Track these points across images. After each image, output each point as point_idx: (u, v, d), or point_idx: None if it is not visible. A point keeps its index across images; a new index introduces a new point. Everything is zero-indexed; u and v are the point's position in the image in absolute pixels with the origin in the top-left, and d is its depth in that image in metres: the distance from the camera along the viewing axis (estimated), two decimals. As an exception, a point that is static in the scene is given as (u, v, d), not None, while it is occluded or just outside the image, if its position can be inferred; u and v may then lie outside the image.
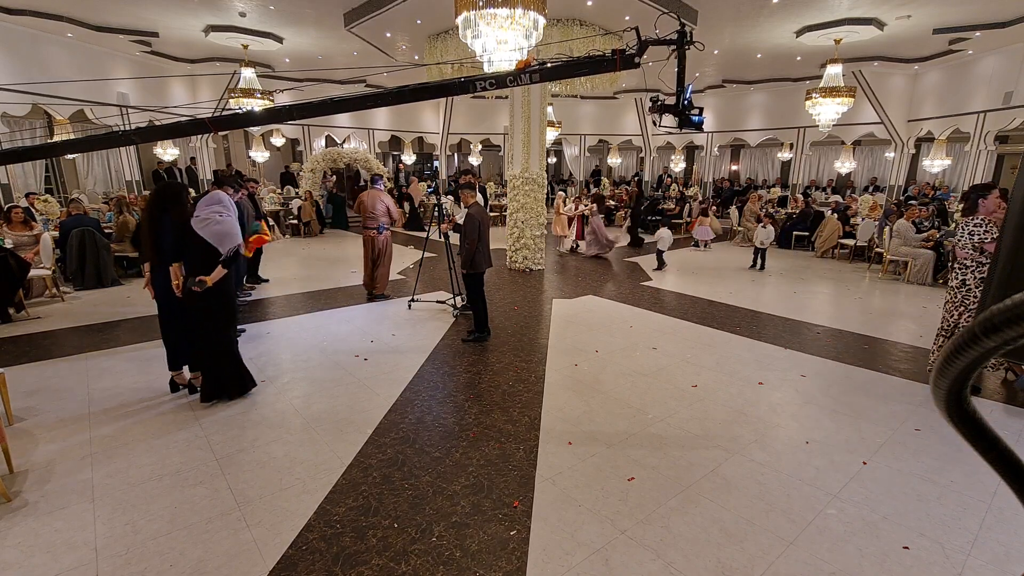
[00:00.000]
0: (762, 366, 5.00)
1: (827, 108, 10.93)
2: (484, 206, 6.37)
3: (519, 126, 8.95)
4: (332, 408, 4.08)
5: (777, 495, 3.02)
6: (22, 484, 3.09)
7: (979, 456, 0.66)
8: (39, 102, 9.95)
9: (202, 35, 10.59)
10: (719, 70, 14.58)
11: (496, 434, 3.69)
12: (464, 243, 5.30)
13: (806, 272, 9.42)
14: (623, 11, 8.75)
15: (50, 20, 9.30)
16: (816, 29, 9.87)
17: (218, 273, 3.82)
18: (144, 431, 3.71)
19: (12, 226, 7.12)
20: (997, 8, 8.71)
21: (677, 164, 19.92)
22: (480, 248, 5.26)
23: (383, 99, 3.90)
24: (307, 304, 7.03)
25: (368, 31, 10.06)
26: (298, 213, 13.26)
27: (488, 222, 5.43)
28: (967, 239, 4.34)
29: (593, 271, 9.44)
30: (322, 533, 2.70)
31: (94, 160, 13.44)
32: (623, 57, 3.36)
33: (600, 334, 5.88)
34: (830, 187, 17.65)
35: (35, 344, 5.44)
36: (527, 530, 2.72)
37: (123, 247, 8.19)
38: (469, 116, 18.66)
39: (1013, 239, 0.82)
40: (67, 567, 2.46)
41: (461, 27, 6.46)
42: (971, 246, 4.31)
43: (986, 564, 2.51)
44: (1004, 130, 11.57)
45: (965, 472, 3.22)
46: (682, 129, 3.43)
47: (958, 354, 0.57)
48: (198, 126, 3.96)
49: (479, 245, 5.24)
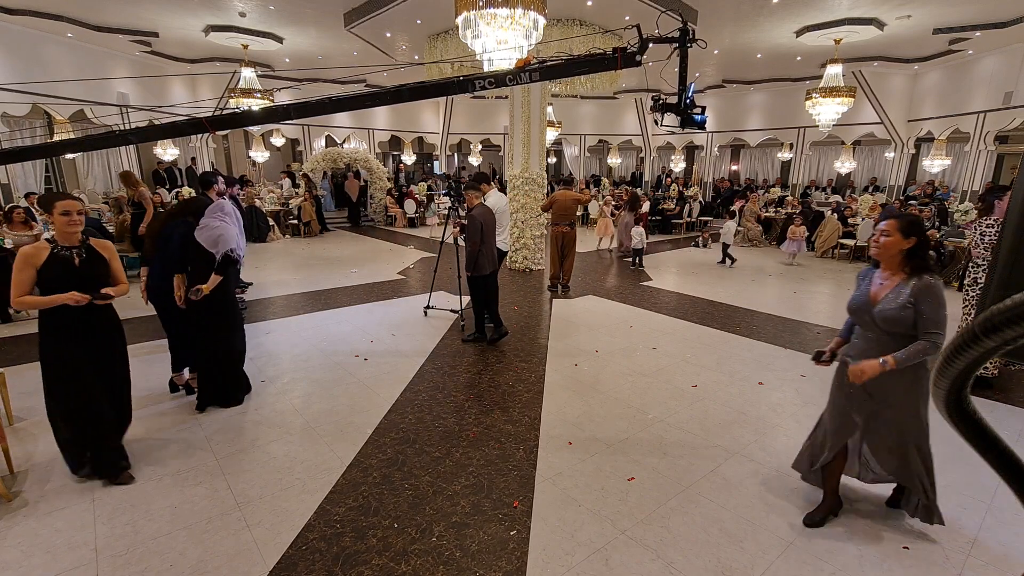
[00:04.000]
0: (762, 366, 5.00)
1: (827, 108, 10.93)
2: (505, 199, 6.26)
3: (519, 126, 8.95)
4: (332, 408, 4.08)
5: (777, 495, 3.02)
6: (22, 484, 3.09)
7: (979, 456, 0.66)
8: (39, 102, 9.94)
9: (202, 35, 10.58)
10: (719, 70, 14.58)
11: (496, 434, 3.69)
12: (467, 245, 5.27)
13: (806, 272, 9.42)
14: (623, 11, 8.75)
15: (50, 20, 9.30)
16: (816, 29, 9.86)
17: (214, 281, 3.82)
18: (144, 431, 3.71)
19: (12, 226, 7.12)
20: (997, 8, 8.70)
21: (677, 164, 19.91)
22: (483, 250, 5.22)
23: (381, 98, 3.89)
24: (307, 304, 7.03)
25: (368, 31, 10.06)
26: (298, 213, 13.26)
27: (493, 224, 5.39)
28: (979, 239, 4.46)
29: (593, 271, 9.44)
30: (322, 533, 2.70)
31: (94, 160, 13.43)
32: (624, 55, 3.34)
33: (600, 334, 5.88)
34: (830, 187, 17.64)
35: (35, 344, 5.42)
36: (527, 530, 2.72)
37: (123, 247, 8.19)
38: (469, 116, 18.66)
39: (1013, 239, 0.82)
40: (67, 567, 2.46)
41: (461, 27, 6.46)
42: (983, 246, 4.42)
43: (986, 564, 2.51)
44: (1004, 130, 11.57)
45: (965, 472, 3.22)
46: (684, 128, 3.41)
47: (958, 354, 0.58)
48: (195, 126, 3.96)
49: (482, 247, 5.20)
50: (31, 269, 2.84)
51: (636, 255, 9.69)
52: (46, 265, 2.87)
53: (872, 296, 2.52)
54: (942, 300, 2.37)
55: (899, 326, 2.42)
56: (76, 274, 2.95)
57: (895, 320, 2.42)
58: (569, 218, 7.62)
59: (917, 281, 2.40)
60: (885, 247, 2.48)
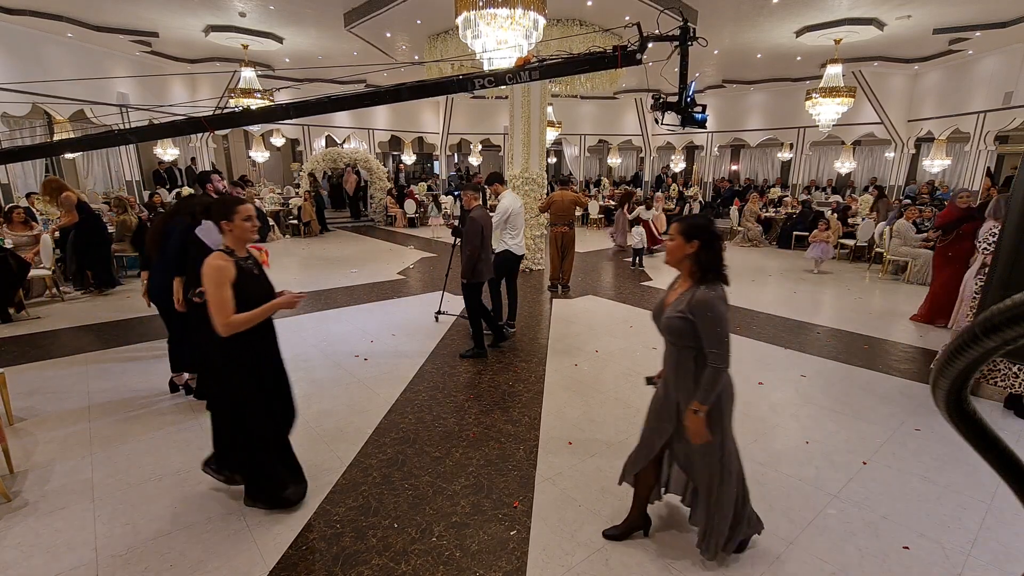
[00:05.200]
0: (762, 366, 4.99)
1: (827, 108, 10.92)
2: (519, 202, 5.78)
3: (519, 126, 8.94)
4: (332, 408, 4.08)
5: (777, 495, 3.02)
6: (22, 484, 3.09)
7: (979, 456, 0.66)
8: (39, 102, 9.94)
9: (202, 35, 10.58)
10: (719, 70, 14.58)
11: (496, 434, 3.69)
12: (464, 249, 5.00)
13: (806, 272, 9.41)
14: (623, 11, 8.75)
15: (50, 20, 9.30)
16: (816, 29, 9.86)
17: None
18: (144, 431, 3.71)
19: (12, 226, 7.12)
20: (997, 8, 8.70)
21: (677, 164, 19.91)
22: (482, 256, 4.97)
23: (381, 97, 3.89)
24: (307, 304, 7.03)
25: (368, 31, 10.06)
26: (298, 213, 13.27)
27: (491, 227, 5.16)
28: (991, 241, 4.51)
29: (593, 271, 9.44)
30: (322, 533, 2.70)
31: (94, 160, 13.44)
32: (625, 54, 3.33)
33: (600, 334, 5.88)
34: (830, 187, 17.64)
35: (35, 344, 5.44)
36: (527, 530, 2.72)
37: (123, 246, 8.19)
38: (469, 116, 18.66)
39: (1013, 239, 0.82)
40: (67, 567, 2.45)
41: (461, 27, 6.46)
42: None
43: (986, 564, 2.51)
44: (1004, 130, 11.57)
45: (965, 472, 3.22)
46: (685, 127, 3.39)
47: (958, 354, 0.57)
48: (194, 125, 3.95)
49: (481, 253, 4.94)
50: (229, 285, 2.53)
51: (636, 255, 9.69)
52: (238, 279, 2.57)
53: (664, 302, 2.37)
54: (718, 314, 2.15)
55: (681, 338, 2.24)
56: (258, 283, 2.70)
57: (674, 330, 2.26)
58: (568, 218, 7.61)
59: (696, 291, 2.21)
60: (670, 251, 2.31)
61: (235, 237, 2.64)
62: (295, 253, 11.06)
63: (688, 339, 2.23)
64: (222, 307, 2.49)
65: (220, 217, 2.63)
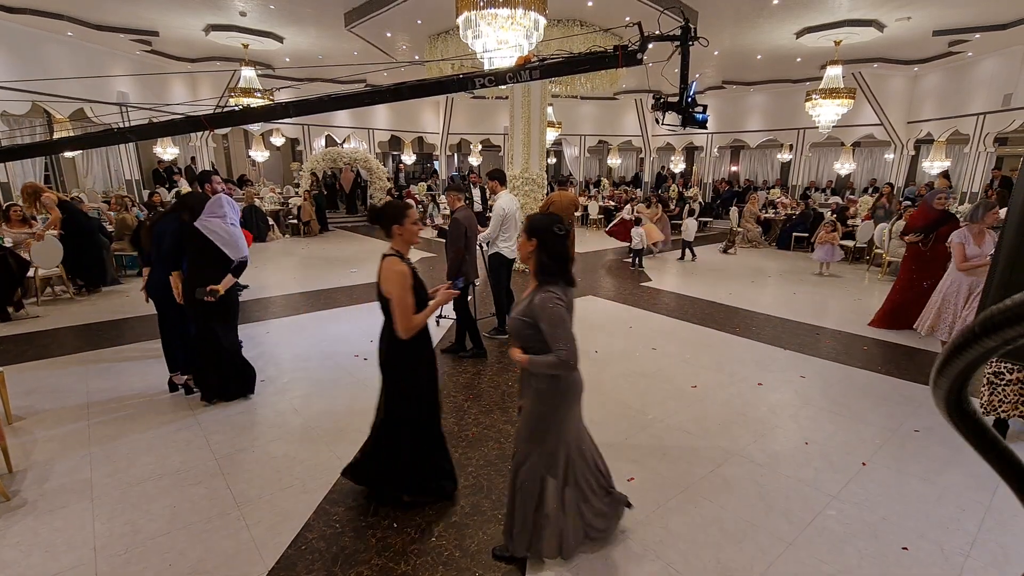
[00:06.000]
0: (761, 367, 5.00)
1: (827, 109, 10.93)
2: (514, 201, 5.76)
3: (519, 126, 8.95)
4: (332, 408, 4.08)
5: (776, 496, 3.02)
6: (21, 483, 3.09)
7: (979, 456, 0.66)
8: (39, 100, 9.93)
9: (202, 34, 10.58)
10: (719, 71, 14.58)
11: (496, 434, 3.69)
12: (448, 251, 4.93)
13: (805, 273, 9.42)
14: (623, 11, 8.75)
15: (50, 19, 9.30)
16: (816, 30, 9.87)
17: (228, 281, 3.85)
18: (143, 430, 3.70)
19: (11, 224, 7.11)
20: (997, 10, 8.71)
21: (677, 165, 19.91)
22: (467, 257, 4.91)
23: (381, 96, 3.89)
24: (307, 304, 7.03)
25: (368, 31, 10.06)
26: (298, 213, 13.26)
27: (476, 228, 5.12)
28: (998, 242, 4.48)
29: (593, 271, 9.44)
30: (321, 533, 2.69)
31: (94, 159, 13.41)
32: (625, 53, 3.33)
33: (600, 335, 5.87)
34: (829, 188, 17.65)
35: (34, 343, 5.44)
36: (526, 530, 2.72)
37: (122, 245, 8.18)
38: (469, 116, 18.65)
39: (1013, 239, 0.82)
40: (66, 566, 2.45)
41: (462, 27, 6.46)
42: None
43: (985, 566, 2.51)
44: (1003, 132, 11.58)
45: (964, 473, 3.22)
46: (685, 127, 3.41)
47: (958, 354, 0.57)
48: (194, 124, 3.95)
49: (466, 254, 4.89)
50: (411, 289, 2.60)
51: (636, 255, 9.68)
52: (414, 282, 2.64)
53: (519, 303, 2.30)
54: (556, 316, 2.10)
55: (527, 341, 2.19)
56: (421, 283, 2.74)
57: (518, 334, 2.21)
58: (567, 219, 7.59)
59: (536, 295, 2.16)
60: (519, 248, 2.24)
61: (404, 240, 2.71)
62: (295, 253, 11.06)
63: (532, 342, 2.18)
64: (407, 311, 2.54)
65: (392, 221, 2.67)
